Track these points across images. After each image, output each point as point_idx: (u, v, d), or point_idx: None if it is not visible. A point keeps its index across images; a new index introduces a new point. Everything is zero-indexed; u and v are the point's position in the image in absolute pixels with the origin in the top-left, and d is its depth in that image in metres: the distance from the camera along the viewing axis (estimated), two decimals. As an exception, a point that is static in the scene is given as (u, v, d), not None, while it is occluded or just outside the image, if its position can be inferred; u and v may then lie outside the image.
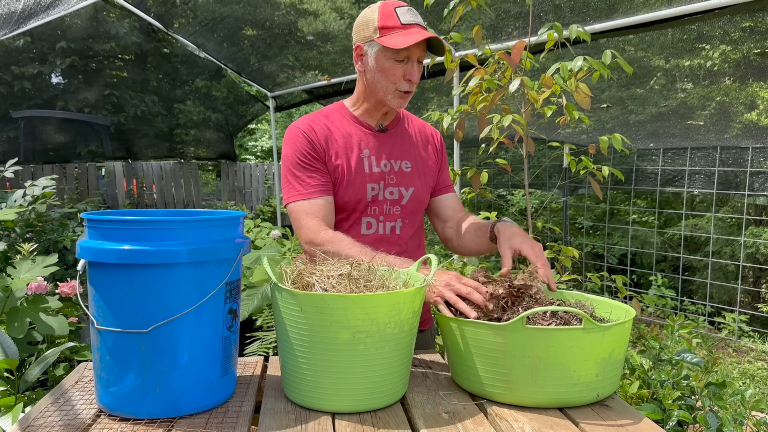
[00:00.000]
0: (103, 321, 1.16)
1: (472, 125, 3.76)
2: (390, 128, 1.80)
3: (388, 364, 1.21)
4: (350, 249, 1.53)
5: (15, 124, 8.27)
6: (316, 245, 1.57)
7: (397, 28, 1.61)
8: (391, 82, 1.67)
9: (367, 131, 1.76)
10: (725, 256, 5.62)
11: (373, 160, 1.73)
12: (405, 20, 1.62)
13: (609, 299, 1.45)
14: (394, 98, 1.69)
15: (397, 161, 1.77)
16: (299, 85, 6.91)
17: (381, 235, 1.73)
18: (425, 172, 1.81)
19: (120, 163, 8.69)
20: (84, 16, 8.41)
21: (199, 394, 1.20)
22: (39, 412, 1.20)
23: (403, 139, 1.81)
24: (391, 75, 1.66)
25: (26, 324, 2.27)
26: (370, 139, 1.76)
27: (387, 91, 1.69)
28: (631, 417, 1.20)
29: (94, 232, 1.17)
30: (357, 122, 1.77)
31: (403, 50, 1.62)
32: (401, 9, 1.64)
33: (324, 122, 1.75)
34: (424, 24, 1.65)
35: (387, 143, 1.77)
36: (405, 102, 1.72)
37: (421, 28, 1.63)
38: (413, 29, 1.61)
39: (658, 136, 4.91)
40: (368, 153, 1.74)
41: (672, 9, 3.41)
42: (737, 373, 4.14)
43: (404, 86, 1.67)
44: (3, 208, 3.41)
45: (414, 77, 1.66)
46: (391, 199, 1.74)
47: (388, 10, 1.64)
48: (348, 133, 1.74)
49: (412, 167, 1.78)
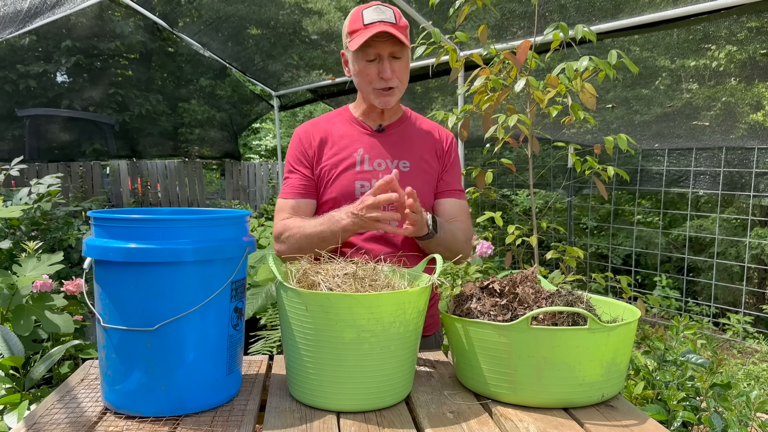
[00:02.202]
0: (109, 319, 1.16)
1: (477, 125, 3.76)
2: (390, 128, 1.81)
3: (393, 363, 1.21)
4: (306, 225, 1.63)
5: (20, 123, 8.30)
6: (280, 240, 1.68)
7: (360, 29, 1.63)
8: (367, 82, 1.70)
9: (364, 131, 1.79)
10: (730, 257, 5.61)
11: (366, 158, 1.75)
12: (367, 20, 1.63)
13: (613, 299, 1.45)
14: (375, 98, 1.72)
15: (395, 161, 1.77)
16: (304, 84, 6.92)
17: (374, 234, 1.73)
18: (425, 172, 1.79)
19: (125, 162, 8.72)
20: (89, 15, 8.44)
21: (205, 393, 1.21)
22: (45, 410, 1.21)
23: (403, 139, 1.81)
24: (365, 76, 1.69)
25: (32, 322, 2.28)
26: (366, 139, 1.78)
27: (367, 92, 1.72)
28: (636, 417, 1.20)
29: (101, 231, 1.18)
30: (357, 123, 1.81)
31: (369, 49, 1.64)
32: (368, 9, 1.65)
33: (325, 126, 1.81)
34: (390, 20, 1.64)
35: (384, 143, 1.78)
36: (390, 99, 1.71)
37: (385, 24, 1.61)
38: (374, 27, 1.61)
39: (663, 136, 4.90)
40: (362, 152, 1.76)
41: (678, 9, 3.40)
42: (742, 374, 4.13)
43: (379, 84, 1.68)
44: (8, 206, 3.42)
45: (386, 74, 1.66)
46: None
47: (357, 13, 1.67)
48: (347, 134, 1.79)
49: (411, 167, 1.77)
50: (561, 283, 2.22)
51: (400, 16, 1.67)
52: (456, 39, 2.43)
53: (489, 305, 1.32)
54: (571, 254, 2.46)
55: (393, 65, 1.67)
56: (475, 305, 1.34)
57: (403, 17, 1.70)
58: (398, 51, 1.66)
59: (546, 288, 1.38)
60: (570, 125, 2.66)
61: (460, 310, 1.36)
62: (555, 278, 2.34)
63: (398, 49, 1.66)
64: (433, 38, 2.38)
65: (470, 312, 1.33)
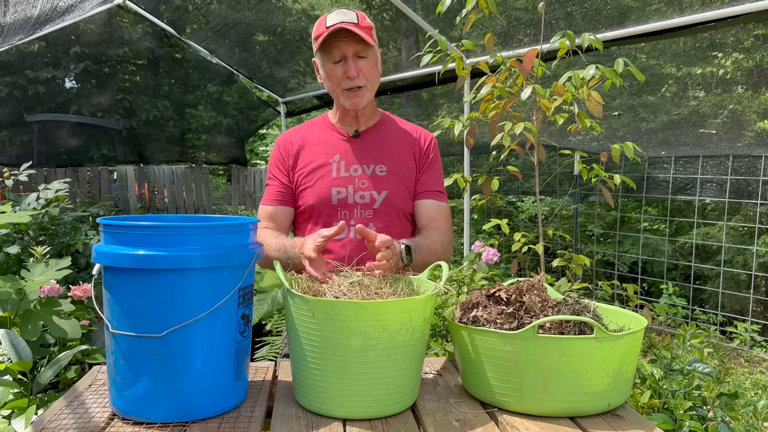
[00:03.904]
0: (117, 325, 1.17)
1: (482, 131, 3.77)
2: (366, 133, 1.83)
3: (399, 370, 1.22)
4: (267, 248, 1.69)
5: (29, 128, 8.36)
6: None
7: (323, 33, 1.66)
8: (336, 84, 1.73)
9: (340, 137, 1.82)
10: (737, 265, 5.58)
11: (342, 165, 1.78)
12: (329, 23, 1.66)
13: (620, 308, 1.45)
14: (345, 99, 1.74)
15: (371, 165, 1.78)
16: (310, 90, 6.95)
17: (352, 239, 1.74)
18: (402, 175, 1.79)
19: (132, 167, 8.75)
20: (98, 22, 8.51)
21: (212, 399, 1.21)
22: (53, 415, 1.21)
23: (379, 143, 1.82)
24: (333, 77, 1.72)
25: (39, 327, 2.29)
26: (341, 145, 1.81)
27: (337, 93, 1.75)
28: (643, 427, 1.20)
29: (110, 237, 1.19)
30: (333, 129, 1.84)
31: (334, 51, 1.68)
32: (331, 14, 1.69)
33: (303, 133, 1.85)
34: (352, 20, 1.66)
35: (360, 148, 1.80)
36: (359, 100, 1.73)
37: (346, 24, 1.64)
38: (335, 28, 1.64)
39: (670, 144, 4.89)
40: (338, 158, 1.79)
41: (684, 17, 3.40)
42: (749, 383, 4.10)
43: (347, 84, 1.71)
44: (17, 211, 3.44)
45: (351, 73, 1.69)
46: (362, 203, 1.76)
47: (322, 19, 1.71)
48: (323, 140, 1.82)
49: (387, 171, 1.78)
50: (567, 292, 2.21)
51: (363, 18, 1.70)
52: (462, 47, 2.44)
53: (495, 313, 1.32)
54: (578, 262, 2.45)
55: (358, 64, 1.69)
56: (482, 313, 1.34)
57: (367, 19, 1.72)
58: (362, 50, 1.69)
59: (553, 296, 1.38)
60: (576, 133, 2.66)
61: (467, 317, 1.36)
62: (561, 286, 2.33)
63: (362, 48, 1.68)
64: (439, 46, 2.39)
65: (476, 320, 1.33)
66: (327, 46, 1.68)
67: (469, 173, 4.77)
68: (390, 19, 7.17)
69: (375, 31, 1.74)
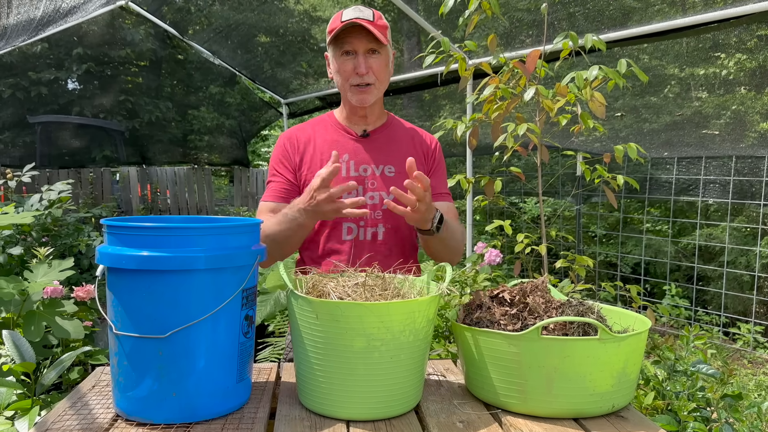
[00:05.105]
0: (121, 326, 1.17)
1: (485, 132, 3.77)
2: (374, 134, 1.82)
3: (402, 372, 1.21)
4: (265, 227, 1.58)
5: (32, 129, 8.38)
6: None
7: (337, 27, 1.67)
8: (344, 78, 1.72)
9: (349, 137, 1.81)
10: (740, 266, 5.56)
11: (351, 164, 1.76)
12: (345, 17, 1.66)
13: (623, 309, 1.45)
14: (352, 95, 1.73)
15: (380, 166, 1.77)
16: (312, 92, 6.95)
17: (361, 240, 1.74)
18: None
19: (134, 169, 8.77)
20: (101, 23, 8.53)
21: (215, 400, 1.21)
22: (57, 416, 1.21)
23: (388, 144, 1.81)
24: (342, 72, 1.71)
25: (42, 327, 2.30)
26: (351, 145, 1.79)
27: (345, 89, 1.74)
28: (647, 428, 1.20)
29: (114, 238, 1.19)
30: (341, 128, 1.82)
31: (346, 45, 1.67)
32: (348, 9, 1.69)
33: (310, 131, 1.82)
34: (368, 17, 1.66)
35: (369, 148, 1.79)
36: (366, 96, 1.73)
37: (361, 20, 1.64)
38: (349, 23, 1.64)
39: (673, 144, 4.88)
40: (347, 158, 1.77)
41: (687, 18, 3.40)
42: (753, 384, 4.09)
43: (354, 80, 1.70)
44: (20, 212, 3.45)
45: (361, 69, 1.68)
46: (371, 203, 1.75)
47: (338, 14, 1.71)
48: (331, 139, 1.80)
49: (396, 172, 1.78)
50: (571, 293, 2.21)
51: (379, 17, 1.70)
52: (465, 48, 2.43)
53: (499, 314, 1.32)
54: (581, 263, 2.45)
55: (369, 61, 1.69)
56: (485, 314, 1.34)
57: (383, 19, 1.72)
58: (375, 48, 1.69)
59: (556, 297, 1.38)
60: (579, 134, 2.66)
61: (470, 319, 1.36)
62: (564, 287, 2.33)
63: (374, 45, 1.68)
64: (442, 47, 2.39)
65: (480, 321, 1.33)
66: (339, 40, 1.68)
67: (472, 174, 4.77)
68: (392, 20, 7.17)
69: (390, 32, 1.75)
